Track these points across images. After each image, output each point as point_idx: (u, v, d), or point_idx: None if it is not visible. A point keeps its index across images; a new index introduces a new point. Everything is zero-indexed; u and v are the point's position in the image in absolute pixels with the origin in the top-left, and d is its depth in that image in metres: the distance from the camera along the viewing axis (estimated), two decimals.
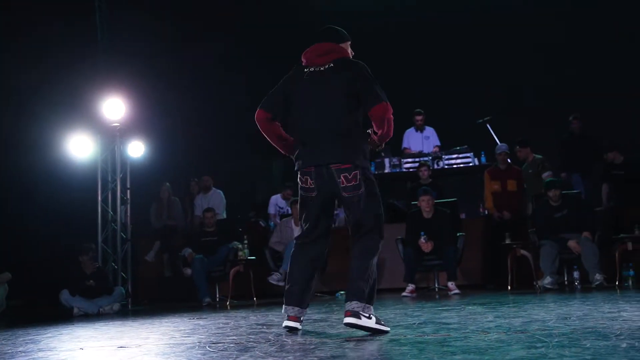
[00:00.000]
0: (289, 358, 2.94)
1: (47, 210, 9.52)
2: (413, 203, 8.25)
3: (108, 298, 7.88)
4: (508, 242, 7.80)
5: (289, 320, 3.93)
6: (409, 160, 9.97)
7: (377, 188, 3.86)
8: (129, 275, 8.85)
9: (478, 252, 8.79)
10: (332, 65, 3.84)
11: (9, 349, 4.04)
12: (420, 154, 9.93)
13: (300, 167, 3.85)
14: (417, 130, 10.12)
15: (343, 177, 3.72)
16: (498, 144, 9.22)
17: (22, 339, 4.64)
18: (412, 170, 9.69)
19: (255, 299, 8.01)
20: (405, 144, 10.33)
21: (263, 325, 4.62)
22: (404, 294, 7.59)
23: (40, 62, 9.92)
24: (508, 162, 8.90)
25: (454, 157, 9.88)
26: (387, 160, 10.01)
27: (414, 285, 7.74)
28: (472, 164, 9.81)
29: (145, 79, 10.35)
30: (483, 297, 6.69)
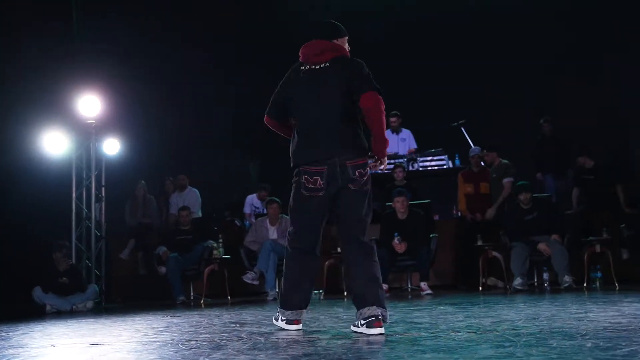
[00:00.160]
0: (261, 356, 2.97)
1: (20, 207, 9.41)
2: (388, 204, 8.31)
3: (81, 295, 7.83)
4: (480, 243, 7.92)
5: (292, 324, 4.00)
6: None
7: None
8: (103, 273, 8.79)
9: (451, 253, 8.88)
10: (328, 65, 3.86)
11: None
12: (396, 156, 9.98)
13: (306, 166, 3.82)
14: (392, 132, 10.19)
15: (358, 172, 3.80)
16: (472, 147, 9.33)
17: None
18: (387, 172, 9.73)
19: (230, 298, 8.03)
20: None
21: (236, 324, 4.65)
22: None
23: (16, 59, 9.81)
24: (481, 165, 8.99)
25: (429, 159, 9.94)
26: None
27: (387, 286, 7.75)
28: (446, 167, 9.89)
29: (122, 77, 10.28)
30: (455, 297, 6.78)
